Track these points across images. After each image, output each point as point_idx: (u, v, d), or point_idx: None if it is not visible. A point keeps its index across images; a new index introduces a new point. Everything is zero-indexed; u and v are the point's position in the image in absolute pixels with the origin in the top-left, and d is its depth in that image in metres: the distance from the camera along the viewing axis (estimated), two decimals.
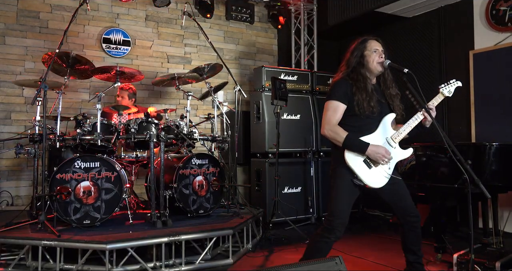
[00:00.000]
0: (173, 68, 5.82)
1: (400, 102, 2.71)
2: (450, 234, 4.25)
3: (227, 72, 4.70)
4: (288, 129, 5.15)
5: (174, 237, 3.23)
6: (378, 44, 2.67)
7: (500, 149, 3.18)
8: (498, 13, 4.46)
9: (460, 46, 4.88)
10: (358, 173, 2.51)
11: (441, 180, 3.39)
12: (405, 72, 2.52)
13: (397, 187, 2.64)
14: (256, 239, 4.14)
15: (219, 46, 6.09)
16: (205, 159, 4.08)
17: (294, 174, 5.19)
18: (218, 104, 4.37)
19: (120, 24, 5.56)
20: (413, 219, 2.63)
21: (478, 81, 4.65)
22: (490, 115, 4.52)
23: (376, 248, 3.92)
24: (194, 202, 3.94)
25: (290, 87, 5.21)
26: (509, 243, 3.82)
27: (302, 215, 5.11)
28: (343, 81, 2.63)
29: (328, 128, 2.57)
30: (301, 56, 6.46)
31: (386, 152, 2.51)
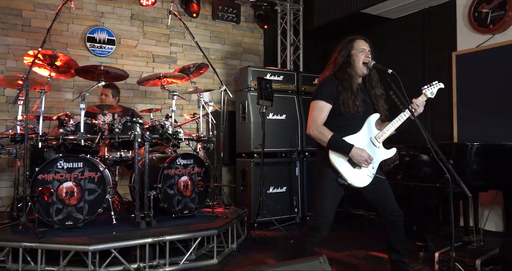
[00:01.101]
0: (158, 68, 5.77)
1: (384, 102, 2.73)
2: (433, 233, 4.29)
3: (213, 72, 4.68)
4: (273, 129, 5.16)
5: (158, 237, 3.20)
6: (365, 44, 2.69)
7: (481, 148, 3.23)
8: (481, 15, 4.53)
9: (444, 48, 4.94)
10: (342, 172, 2.52)
11: (424, 179, 3.43)
12: (389, 73, 2.54)
13: (381, 186, 2.66)
14: (241, 239, 4.13)
15: (205, 46, 6.06)
16: (190, 159, 4.05)
17: (279, 173, 5.19)
18: (203, 104, 4.35)
19: (105, 23, 5.50)
20: (396, 218, 2.65)
21: (460, 82, 4.71)
22: (472, 115, 4.58)
23: (360, 247, 3.94)
24: (179, 202, 3.91)
25: (275, 87, 5.22)
26: (489, 241, 3.88)
27: (287, 215, 5.12)
28: (329, 81, 2.64)
29: (313, 128, 2.57)
30: (287, 56, 6.47)
31: (369, 157, 2.52)
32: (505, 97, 4.30)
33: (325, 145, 2.53)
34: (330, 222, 2.56)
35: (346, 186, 2.55)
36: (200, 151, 4.47)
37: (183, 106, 5.96)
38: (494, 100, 4.39)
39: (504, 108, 4.30)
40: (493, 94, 4.40)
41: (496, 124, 4.34)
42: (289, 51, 6.45)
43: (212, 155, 4.59)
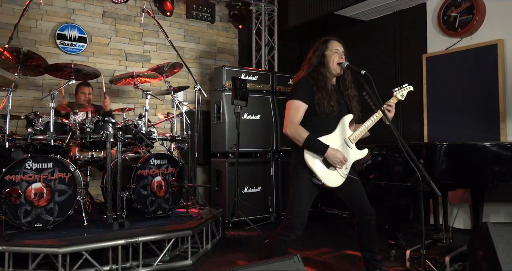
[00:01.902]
0: (131, 67, 5.69)
1: (357, 103, 2.78)
2: (404, 231, 4.39)
3: (187, 71, 4.64)
4: (248, 129, 5.16)
5: (131, 239, 3.15)
6: (339, 45, 2.73)
7: (450, 148, 3.32)
8: (449, 18, 4.66)
9: (414, 50, 5.06)
10: (317, 173, 2.55)
11: (395, 178, 3.50)
12: (362, 73, 2.58)
13: (354, 186, 2.71)
14: (216, 239, 4.12)
15: (179, 45, 6.02)
16: (164, 159, 4.02)
17: (254, 173, 5.20)
18: (177, 103, 4.31)
19: (76, 20, 5.38)
20: (369, 217, 2.71)
21: (430, 84, 4.84)
22: (442, 116, 4.72)
23: (334, 246, 3.99)
24: (153, 203, 3.87)
25: (250, 87, 5.22)
26: (458, 238, 4.00)
27: (261, 215, 5.13)
28: (304, 81, 2.67)
29: (290, 127, 2.60)
30: (261, 56, 6.49)
31: (343, 158, 2.56)
32: (472, 99, 4.44)
33: (301, 145, 2.56)
34: (305, 221, 2.59)
35: (320, 185, 2.58)
36: (174, 151, 4.44)
37: (157, 106, 5.89)
38: (462, 101, 4.53)
39: (472, 109, 4.44)
40: (461, 95, 4.54)
41: (464, 125, 4.48)
42: (264, 52, 6.47)
43: (187, 155, 4.56)
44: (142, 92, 4.29)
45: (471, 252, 2.84)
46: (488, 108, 4.31)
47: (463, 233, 4.32)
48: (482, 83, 4.37)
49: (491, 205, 4.25)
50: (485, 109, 4.34)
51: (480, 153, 3.27)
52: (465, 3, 4.51)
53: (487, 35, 4.39)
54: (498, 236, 2.54)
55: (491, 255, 2.53)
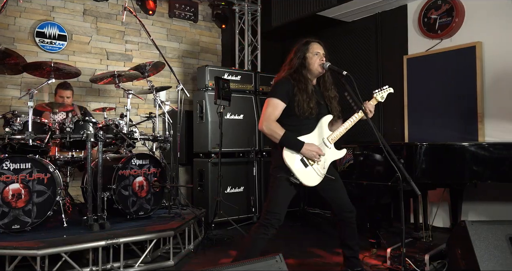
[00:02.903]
0: (113, 66, 5.63)
1: (337, 104, 2.81)
2: (385, 230, 4.45)
3: (169, 71, 4.61)
4: (231, 129, 5.16)
5: (112, 240, 3.12)
6: (320, 47, 2.76)
7: (430, 148, 3.38)
8: (430, 20, 4.74)
9: (396, 51, 5.13)
10: (295, 171, 2.58)
11: (376, 178, 3.54)
12: (344, 74, 2.62)
13: (334, 184, 2.75)
14: (198, 239, 4.11)
15: (161, 44, 5.97)
16: (146, 159, 3.99)
17: (237, 173, 5.20)
18: (160, 103, 4.28)
19: (56, 18, 5.28)
20: (349, 214, 2.74)
21: (411, 85, 4.91)
22: (422, 116, 4.79)
23: (316, 245, 4.02)
24: (134, 204, 3.83)
25: (233, 87, 5.21)
26: (437, 236, 4.07)
27: (244, 215, 5.13)
28: (285, 81, 2.69)
29: (266, 124, 2.62)
30: (245, 56, 6.48)
31: (318, 149, 2.60)
32: (451, 100, 4.53)
33: (277, 142, 2.60)
34: (281, 220, 2.63)
35: (298, 184, 2.61)
36: (156, 151, 4.41)
37: (139, 105, 5.84)
38: (442, 102, 4.61)
39: (451, 110, 4.52)
40: (441, 96, 4.62)
41: (444, 125, 4.57)
42: (247, 51, 6.47)
43: (169, 155, 4.52)
44: (123, 91, 4.25)
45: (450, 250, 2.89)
46: (467, 109, 4.40)
47: (443, 231, 4.40)
48: (461, 84, 4.46)
49: (470, 204, 4.34)
50: (464, 110, 4.42)
51: (458, 153, 3.34)
52: (445, 6, 4.60)
53: (466, 37, 4.48)
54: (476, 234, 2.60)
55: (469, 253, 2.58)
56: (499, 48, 4.24)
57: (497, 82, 4.25)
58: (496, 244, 2.56)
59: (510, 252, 2.54)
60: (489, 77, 4.31)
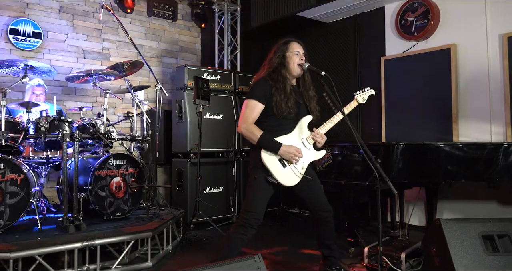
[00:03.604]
0: (89, 64, 5.52)
1: (316, 104, 2.83)
2: (363, 229, 4.51)
3: (148, 70, 4.55)
4: (210, 129, 5.14)
5: (88, 241, 3.06)
6: (299, 47, 2.77)
7: (406, 148, 3.44)
8: (407, 23, 4.82)
9: (374, 52, 5.20)
10: (273, 172, 2.59)
11: (354, 177, 3.59)
12: (323, 75, 2.64)
13: (312, 184, 2.76)
14: (177, 240, 4.08)
15: (140, 43, 5.90)
16: (124, 159, 3.94)
17: (216, 173, 5.18)
18: (138, 103, 4.23)
19: (30, 15, 5.16)
20: (326, 214, 2.77)
21: (388, 86, 4.99)
22: (399, 117, 4.87)
23: (295, 245, 4.04)
24: (111, 204, 3.78)
25: (213, 87, 5.19)
26: (414, 234, 4.15)
27: (223, 215, 5.12)
28: (263, 82, 2.70)
29: (244, 126, 2.63)
30: (224, 56, 6.47)
31: (296, 151, 2.61)
32: (427, 101, 4.62)
33: (255, 143, 2.61)
34: (260, 220, 2.63)
35: (276, 184, 2.62)
36: (134, 151, 4.35)
37: (117, 105, 5.75)
38: (418, 103, 4.70)
39: (427, 110, 4.61)
40: (417, 97, 4.71)
41: (420, 125, 4.65)
42: (226, 51, 6.46)
43: (147, 155, 4.48)
44: (100, 90, 4.18)
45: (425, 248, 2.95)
46: (442, 110, 4.49)
47: (418, 230, 4.48)
48: (436, 85, 4.55)
49: (445, 202, 4.43)
50: (439, 110, 4.52)
51: (434, 153, 3.41)
52: (421, 8, 4.68)
53: (441, 39, 4.57)
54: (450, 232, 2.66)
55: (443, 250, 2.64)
56: (472, 50, 4.35)
57: (471, 84, 4.36)
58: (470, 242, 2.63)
59: (483, 249, 2.61)
60: (463, 78, 4.41)
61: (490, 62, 4.23)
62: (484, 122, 4.25)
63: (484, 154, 3.26)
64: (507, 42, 4.07)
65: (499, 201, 4.12)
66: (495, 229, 2.71)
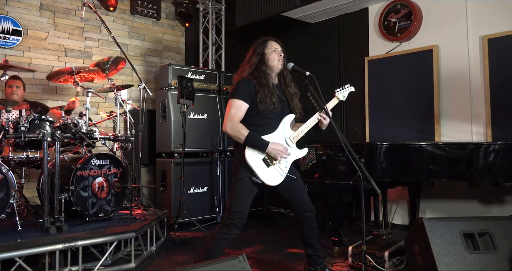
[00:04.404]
0: (71, 63, 5.43)
1: (298, 101, 2.85)
2: (347, 228, 4.54)
3: (131, 69, 4.51)
4: (194, 128, 5.12)
5: (70, 243, 3.01)
6: (277, 45, 2.82)
7: (390, 148, 3.48)
8: (390, 24, 4.88)
9: (357, 53, 5.25)
10: (257, 171, 2.61)
11: (338, 177, 3.61)
12: (307, 75, 2.66)
13: (295, 184, 2.79)
14: (161, 241, 4.05)
15: (123, 42, 5.84)
16: (106, 159, 3.89)
17: (200, 173, 5.17)
18: (121, 102, 4.19)
19: (10, 12, 5.05)
20: (309, 214, 2.79)
21: (372, 86, 5.04)
22: (382, 117, 4.92)
23: (280, 244, 4.06)
24: (94, 205, 3.73)
25: (197, 86, 5.17)
26: (397, 233, 4.20)
27: (208, 215, 5.11)
28: (246, 81, 2.71)
29: (230, 126, 2.63)
30: (209, 55, 6.45)
31: (284, 149, 2.64)
32: (410, 101, 4.68)
33: (242, 143, 2.61)
34: (244, 219, 2.65)
35: (260, 184, 2.63)
36: (117, 151, 4.31)
37: (99, 104, 5.68)
38: (401, 103, 4.76)
39: (410, 110, 4.68)
40: (400, 98, 4.77)
41: (403, 125, 4.71)
42: (211, 51, 6.44)
43: (130, 155, 4.44)
44: (82, 89, 4.13)
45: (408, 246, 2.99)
46: (424, 110, 4.56)
47: (401, 229, 4.54)
48: (419, 86, 4.61)
49: (427, 201, 4.50)
50: (422, 111, 4.58)
51: (416, 152, 3.45)
52: (404, 10, 4.74)
53: (424, 40, 4.64)
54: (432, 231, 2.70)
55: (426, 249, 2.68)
56: (454, 51, 4.42)
57: (452, 84, 4.43)
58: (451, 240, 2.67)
59: (464, 247, 2.66)
60: (444, 79, 4.48)
61: (471, 63, 4.31)
62: (465, 123, 4.32)
63: (465, 153, 3.31)
64: (487, 44, 4.15)
65: (480, 200, 4.20)
66: (476, 227, 2.76)
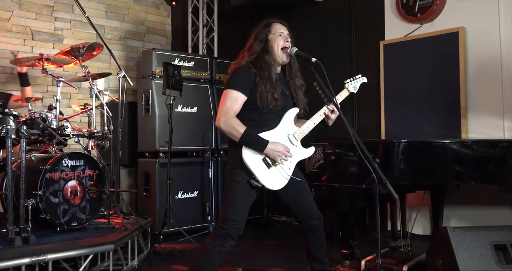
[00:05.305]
0: (39, 47, 5.44)
1: (304, 95, 2.84)
2: (359, 239, 4.55)
3: (109, 54, 4.50)
4: (183, 124, 5.12)
5: (38, 256, 3.01)
6: (283, 28, 2.77)
7: (409, 146, 3.47)
8: (409, 3, 4.87)
9: (371, 36, 5.23)
10: (256, 173, 2.59)
11: (349, 180, 3.61)
12: (313, 61, 2.63)
13: (299, 187, 2.77)
14: (144, 254, 4.06)
15: (99, 23, 5.83)
16: (80, 160, 3.90)
17: (190, 176, 5.18)
18: (97, 93, 4.21)
19: None
20: (316, 222, 2.77)
21: (388, 74, 5.04)
22: (400, 110, 4.92)
23: (281, 257, 4.06)
24: (66, 213, 3.74)
25: (185, 74, 5.18)
26: (417, 245, 4.21)
27: (198, 224, 5.11)
28: (246, 69, 2.68)
29: (224, 120, 2.61)
30: (199, 39, 6.44)
31: (285, 149, 2.62)
32: (433, 91, 4.67)
33: (237, 140, 2.59)
34: (241, 229, 2.63)
35: (259, 188, 2.62)
36: (92, 150, 4.32)
37: (72, 96, 5.69)
38: (422, 94, 4.75)
39: (431, 102, 4.67)
40: (421, 87, 4.76)
41: (424, 120, 4.70)
42: (201, 33, 6.42)
43: (108, 154, 4.44)
44: (52, 78, 4.13)
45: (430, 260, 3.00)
46: (449, 102, 4.55)
47: (423, 240, 4.54)
48: (443, 74, 4.60)
49: (452, 208, 4.50)
50: (446, 103, 4.58)
51: (440, 151, 3.46)
52: None
53: (448, 22, 4.63)
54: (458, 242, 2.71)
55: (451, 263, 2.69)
56: (483, 34, 4.41)
57: (482, 72, 4.42)
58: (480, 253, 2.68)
59: (495, 260, 2.67)
60: (472, 66, 4.48)
61: (502, 48, 4.30)
62: (497, 117, 4.32)
63: (496, 152, 3.31)
64: None
65: None
66: (508, 238, 2.77)
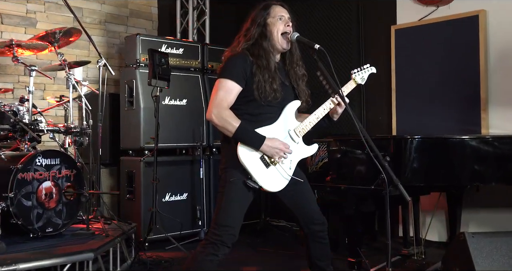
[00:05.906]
0: (9, 32, 5.42)
1: (306, 86, 2.83)
2: (367, 246, 4.56)
3: (87, 40, 4.50)
4: (171, 118, 5.12)
5: (9, 266, 3.01)
6: (283, 11, 2.77)
7: (423, 143, 3.48)
8: None
9: (382, 20, 5.24)
10: (253, 173, 2.58)
11: (357, 180, 3.61)
12: (316, 48, 2.63)
13: (301, 188, 2.77)
14: (127, 263, 4.08)
15: (77, 5, 5.80)
16: (56, 158, 3.90)
17: (179, 176, 5.19)
18: (74, 83, 4.20)
19: None
20: (319, 227, 2.77)
21: (400, 63, 5.04)
22: (413, 104, 4.92)
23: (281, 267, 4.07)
24: (40, 217, 3.73)
25: (174, 63, 5.18)
26: (432, 252, 4.22)
27: (188, 230, 5.13)
28: (242, 57, 2.68)
29: (216, 112, 2.60)
30: (189, 23, 6.42)
31: (283, 145, 2.61)
32: (449, 81, 4.67)
33: (231, 135, 2.59)
34: (236, 235, 2.63)
35: (256, 189, 2.62)
36: (70, 147, 4.33)
37: (46, 86, 5.68)
38: (438, 84, 4.75)
39: (448, 94, 4.67)
40: (437, 77, 4.77)
41: (440, 114, 4.70)
42: (191, 17, 6.41)
43: (87, 152, 4.44)
44: (24, 67, 4.12)
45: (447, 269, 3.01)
46: (468, 94, 4.56)
47: (438, 247, 4.56)
48: (461, 63, 4.61)
49: (470, 212, 4.51)
50: (464, 94, 4.59)
51: (457, 148, 3.47)
52: None
53: (467, 4, 4.62)
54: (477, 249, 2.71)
55: None
56: (507, 18, 4.41)
57: (505, 60, 4.43)
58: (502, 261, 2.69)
59: None
60: (494, 54, 4.48)
61: None
62: None
63: None
64: None
65: None
66: None
